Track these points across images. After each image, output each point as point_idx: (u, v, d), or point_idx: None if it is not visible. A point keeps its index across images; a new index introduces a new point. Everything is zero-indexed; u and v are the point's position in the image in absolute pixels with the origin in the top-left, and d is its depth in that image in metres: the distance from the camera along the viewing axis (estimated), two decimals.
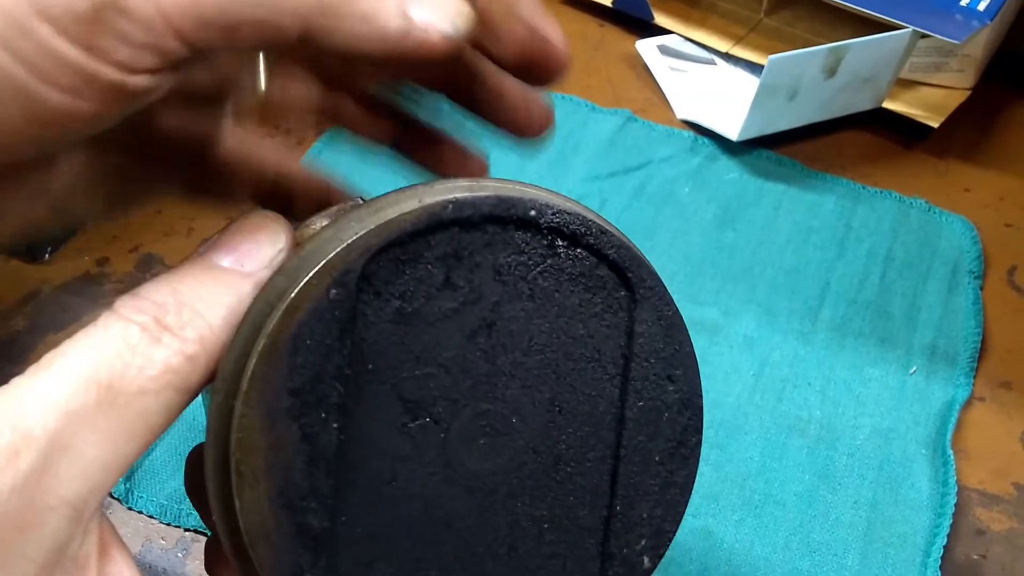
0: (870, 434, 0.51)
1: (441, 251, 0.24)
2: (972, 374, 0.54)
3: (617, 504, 0.27)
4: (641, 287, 0.26)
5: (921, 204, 0.63)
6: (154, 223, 0.60)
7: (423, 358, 0.25)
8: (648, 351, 0.27)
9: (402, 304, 0.24)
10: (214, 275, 0.24)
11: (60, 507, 0.21)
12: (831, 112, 0.66)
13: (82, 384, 0.22)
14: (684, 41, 0.74)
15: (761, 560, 0.46)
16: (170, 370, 0.23)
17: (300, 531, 0.24)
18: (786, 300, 0.57)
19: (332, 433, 0.24)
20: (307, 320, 0.23)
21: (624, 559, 0.27)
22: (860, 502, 0.48)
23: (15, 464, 0.21)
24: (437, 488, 0.25)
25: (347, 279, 0.23)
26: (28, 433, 0.21)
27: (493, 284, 0.25)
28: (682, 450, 0.27)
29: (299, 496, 0.24)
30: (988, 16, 0.63)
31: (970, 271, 0.59)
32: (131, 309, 0.23)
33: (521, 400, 0.26)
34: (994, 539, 0.47)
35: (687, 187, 0.64)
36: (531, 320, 0.25)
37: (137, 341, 0.22)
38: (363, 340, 0.24)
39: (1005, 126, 0.70)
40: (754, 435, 0.50)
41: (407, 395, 0.25)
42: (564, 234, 0.25)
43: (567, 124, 0.68)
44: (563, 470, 0.26)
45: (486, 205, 0.24)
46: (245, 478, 0.23)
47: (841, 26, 0.69)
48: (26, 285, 0.56)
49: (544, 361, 0.26)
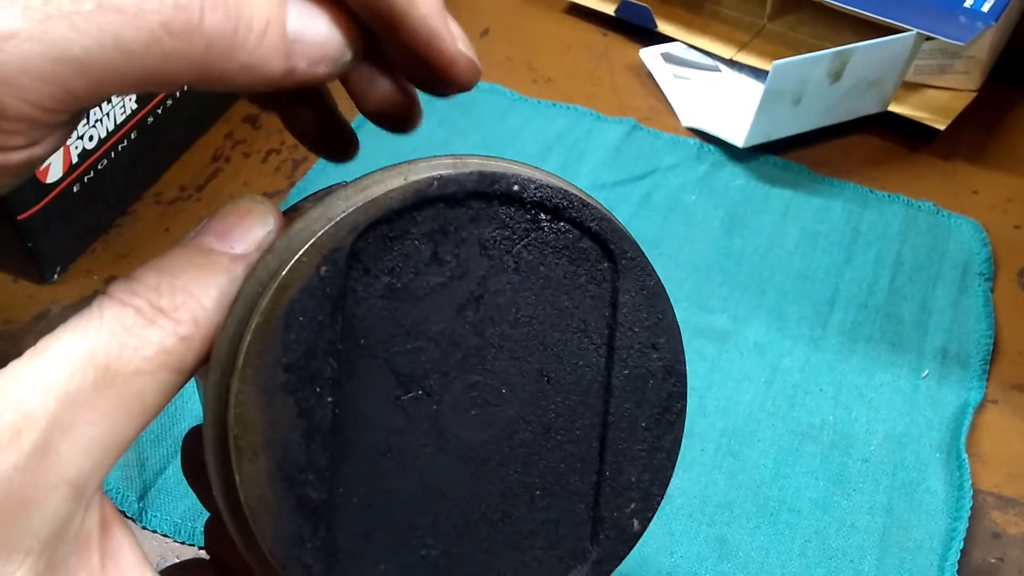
0: (884, 439, 0.50)
1: (428, 227, 0.25)
2: (985, 377, 0.53)
3: (606, 470, 0.27)
4: (623, 258, 0.27)
5: (929, 207, 0.63)
6: (162, 241, 0.60)
7: (413, 332, 0.25)
8: (632, 320, 0.27)
9: (391, 280, 0.25)
10: (206, 257, 0.24)
11: (61, 486, 0.22)
12: (837, 116, 0.66)
13: (80, 366, 0.22)
14: (688, 48, 0.74)
15: (777, 568, 0.45)
16: (165, 351, 0.23)
17: (299, 503, 0.24)
18: (795, 306, 0.57)
19: (327, 407, 0.24)
20: (299, 297, 0.24)
21: (614, 522, 0.28)
22: (875, 507, 0.48)
23: (17, 444, 0.21)
24: (431, 459, 0.26)
25: (336, 256, 0.24)
26: (29, 414, 0.21)
27: (479, 258, 0.26)
28: (668, 416, 0.28)
29: (297, 469, 0.24)
30: (992, 17, 0.63)
31: (980, 273, 0.59)
32: (125, 292, 0.23)
33: (510, 371, 0.26)
34: (1011, 542, 0.47)
35: (694, 195, 0.64)
36: (517, 293, 0.26)
37: (132, 323, 0.23)
38: (354, 316, 0.24)
39: (1012, 127, 0.69)
40: (767, 442, 0.50)
41: (399, 369, 0.25)
42: (547, 208, 0.26)
43: (572, 133, 0.68)
44: (553, 438, 0.27)
45: (470, 181, 0.25)
46: (244, 453, 0.24)
47: (845, 30, 0.69)
48: (36, 305, 0.56)
49: (531, 332, 0.26)
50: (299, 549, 0.24)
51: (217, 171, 0.65)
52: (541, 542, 0.27)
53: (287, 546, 0.24)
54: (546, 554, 0.27)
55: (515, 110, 0.69)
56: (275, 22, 0.23)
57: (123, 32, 0.21)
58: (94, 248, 0.59)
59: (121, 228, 0.61)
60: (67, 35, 0.21)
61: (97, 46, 0.21)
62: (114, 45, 0.21)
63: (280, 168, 0.65)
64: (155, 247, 0.60)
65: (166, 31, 0.21)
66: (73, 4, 0.21)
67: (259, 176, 0.64)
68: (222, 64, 0.23)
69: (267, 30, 0.23)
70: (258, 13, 0.23)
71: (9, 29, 0.20)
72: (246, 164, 0.65)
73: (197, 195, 0.63)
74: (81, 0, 0.21)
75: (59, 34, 0.21)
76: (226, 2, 0.22)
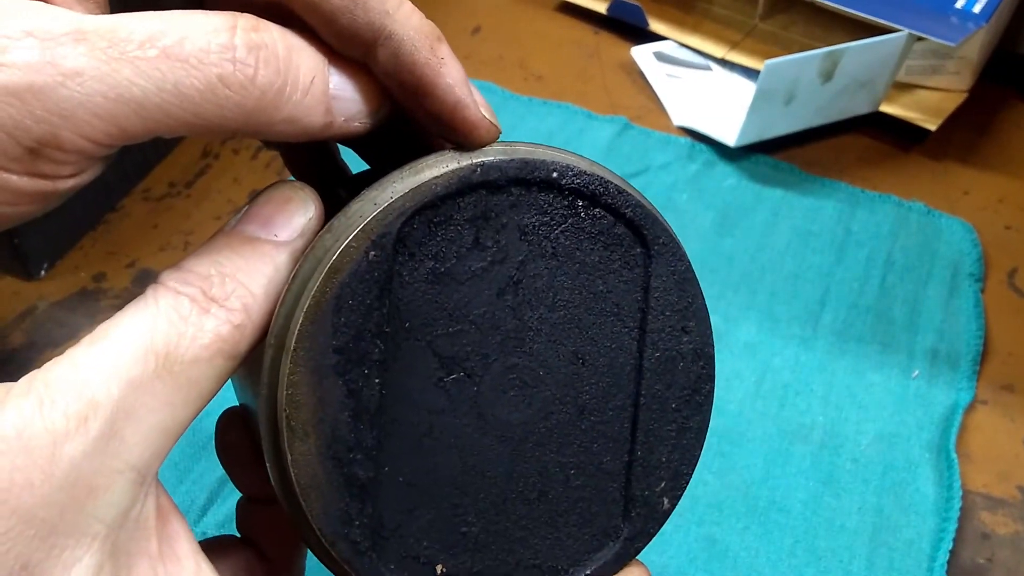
0: (873, 439, 0.50)
1: (470, 213, 0.26)
2: (974, 377, 0.53)
3: (638, 449, 0.28)
4: (656, 244, 0.28)
5: (920, 207, 0.63)
6: (150, 238, 0.60)
7: (455, 315, 0.26)
8: (663, 304, 0.28)
9: (435, 264, 0.26)
10: (252, 246, 0.25)
11: (126, 471, 0.23)
12: (828, 116, 0.66)
13: (141, 353, 0.23)
14: (679, 47, 0.74)
15: (766, 567, 0.45)
16: (220, 339, 0.24)
17: (348, 481, 0.25)
18: (786, 306, 0.57)
19: (374, 388, 0.25)
20: (348, 281, 0.24)
21: (645, 501, 0.29)
22: (865, 508, 0.47)
23: (84, 431, 0.22)
24: (471, 438, 0.27)
25: (384, 241, 0.25)
26: (94, 401, 0.22)
27: (519, 243, 0.26)
28: (696, 397, 0.29)
29: (346, 448, 0.25)
30: (983, 18, 0.63)
31: (970, 274, 0.59)
32: (179, 282, 0.24)
33: (547, 353, 0.27)
34: (999, 543, 0.47)
35: (685, 194, 0.63)
36: (554, 277, 0.27)
37: (188, 312, 0.24)
38: (400, 299, 0.25)
39: (1003, 128, 0.70)
40: (757, 442, 0.50)
41: (441, 351, 0.26)
42: (584, 194, 0.27)
43: (563, 132, 0.67)
44: (587, 419, 0.28)
45: (512, 168, 0.26)
46: (296, 432, 0.25)
47: (837, 30, 0.69)
48: (23, 301, 0.56)
49: (567, 316, 0.27)
50: (347, 526, 0.25)
51: (207, 167, 0.64)
52: (575, 519, 0.28)
53: (336, 524, 0.25)
54: (579, 531, 0.28)
55: (506, 108, 0.69)
56: (319, 80, 0.25)
57: (183, 80, 0.23)
58: (82, 244, 0.59)
59: (109, 224, 0.60)
60: (130, 78, 0.22)
61: (156, 90, 0.22)
62: (173, 91, 0.23)
63: (270, 164, 0.65)
64: (143, 244, 0.59)
65: (223, 82, 0.23)
66: (139, 49, 0.22)
67: (249, 172, 0.64)
68: (268, 115, 0.24)
69: (311, 87, 0.25)
70: (304, 71, 0.25)
71: (75, 67, 0.22)
72: (236, 160, 0.65)
73: (186, 191, 0.63)
74: (146, 45, 0.22)
75: (122, 76, 0.22)
76: (278, 58, 0.24)
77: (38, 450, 0.21)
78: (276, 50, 0.24)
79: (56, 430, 0.22)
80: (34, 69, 0.21)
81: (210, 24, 0.23)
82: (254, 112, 0.24)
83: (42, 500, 0.22)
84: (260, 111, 0.24)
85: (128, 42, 0.22)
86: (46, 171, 0.23)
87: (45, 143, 0.22)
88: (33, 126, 0.22)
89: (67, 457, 0.22)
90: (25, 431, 0.21)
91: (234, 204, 0.62)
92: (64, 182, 0.23)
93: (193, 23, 0.23)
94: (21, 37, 0.22)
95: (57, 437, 0.22)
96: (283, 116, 0.24)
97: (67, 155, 0.23)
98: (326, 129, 0.26)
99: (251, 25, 0.24)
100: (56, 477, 0.22)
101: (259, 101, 0.24)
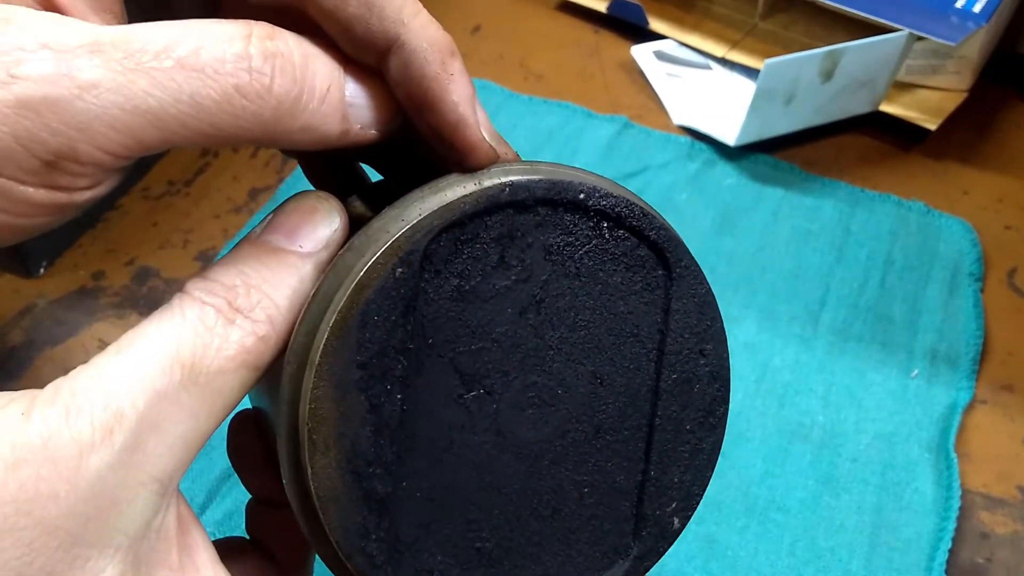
0: (873, 439, 0.50)
1: (496, 232, 0.26)
2: (974, 377, 0.53)
3: (651, 469, 0.29)
4: (678, 266, 0.28)
5: (920, 207, 0.63)
6: (149, 236, 0.60)
7: (478, 333, 0.26)
8: (682, 327, 0.28)
9: (460, 282, 0.26)
10: (277, 257, 0.25)
11: (150, 483, 0.23)
12: (828, 116, 0.66)
13: (167, 364, 0.23)
14: (679, 46, 0.73)
15: (766, 567, 0.45)
16: (245, 350, 0.24)
17: (366, 495, 0.25)
18: (786, 305, 0.57)
19: (396, 404, 0.25)
20: (375, 297, 0.24)
21: (656, 520, 0.29)
22: (864, 507, 0.47)
23: (110, 442, 0.22)
24: (489, 455, 0.27)
25: (411, 258, 0.25)
26: (119, 412, 0.22)
27: (543, 263, 0.26)
28: (710, 419, 0.29)
29: (366, 463, 0.25)
30: (984, 18, 0.63)
31: (970, 273, 0.59)
32: (204, 292, 0.24)
33: (566, 373, 0.27)
34: (999, 542, 0.47)
35: (685, 193, 0.63)
36: (576, 297, 0.27)
37: (214, 323, 0.24)
38: (424, 316, 0.25)
39: (1003, 127, 0.70)
40: (756, 441, 0.50)
41: (463, 368, 0.26)
42: (609, 216, 0.27)
43: (563, 131, 0.67)
44: (603, 438, 0.28)
45: (540, 188, 0.26)
46: (317, 446, 0.25)
47: (837, 29, 0.69)
48: (22, 299, 0.56)
49: (587, 336, 0.27)
50: (364, 540, 0.26)
51: (206, 165, 0.64)
52: (587, 537, 0.28)
53: (353, 537, 0.25)
54: (591, 548, 0.29)
55: (506, 107, 0.69)
56: (335, 88, 0.25)
57: (199, 90, 0.22)
58: (81, 243, 0.59)
59: (108, 223, 0.60)
60: (146, 89, 0.22)
61: (173, 101, 0.22)
62: (189, 102, 0.22)
63: (269, 163, 0.65)
64: (143, 242, 0.59)
65: (239, 92, 0.23)
66: (154, 59, 0.22)
67: (248, 171, 0.64)
68: (285, 124, 0.24)
69: (328, 94, 0.25)
70: (320, 79, 0.24)
71: (91, 80, 0.22)
72: (235, 159, 0.65)
73: (185, 190, 0.63)
74: (161, 56, 0.22)
75: (138, 88, 0.22)
76: (294, 66, 0.24)
77: (63, 461, 0.21)
78: (292, 58, 0.24)
79: (82, 441, 0.22)
80: (49, 81, 0.21)
81: (225, 33, 0.23)
82: (271, 122, 0.24)
83: (67, 511, 0.21)
84: (277, 120, 0.24)
85: (143, 53, 0.22)
86: (62, 183, 0.23)
87: (62, 156, 0.22)
88: (49, 139, 0.22)
89: (92, 468, 0.22)
90: (51, 441, 0.21)
91: (233, 202, 0.62)
92: (81, 194, 0.23)
93: (208, 32, 0.23)
94: (36, 49, 0.21)
95: (83, 448, 0.22)
96: (300, 125, 0.24)
97: (84, 167, 0.22)
98: (343, 137, 0.25)
99: (266, 33, 0.24)
100: (81, 488, 0.22)
101: (276, 110, 0.23)
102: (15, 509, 0.21)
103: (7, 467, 0.21)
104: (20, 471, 0.21)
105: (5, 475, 0.21)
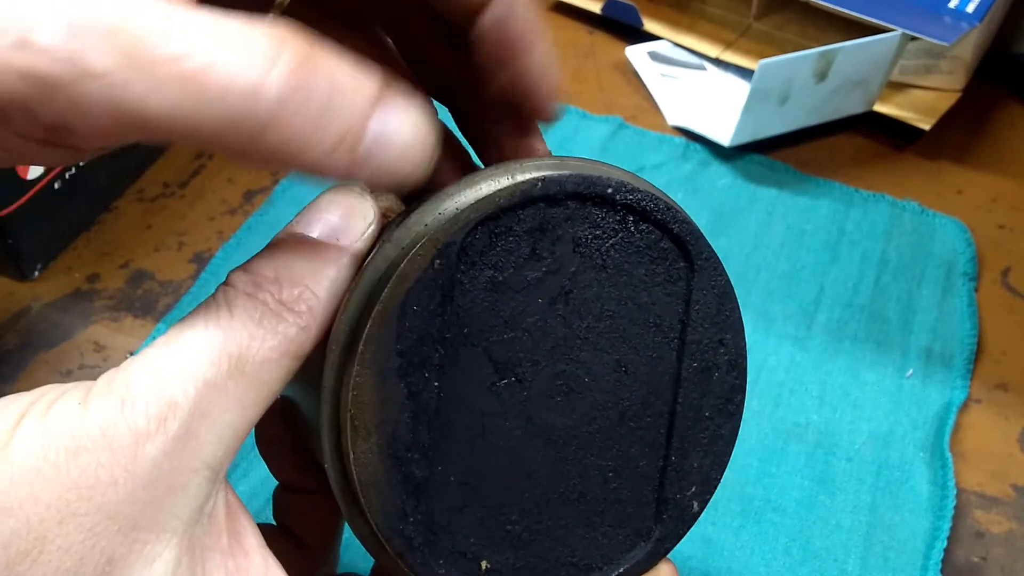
0: (868, 438, 0.50)
1: (528, 225, 0.27)
2: (968, 376, 0.53)
3: (672, 455, 0.29)
4: (699, 259, 0.29)
5: (914, 207, 0.63)
6: (144, 238, 0.60)
7: (510, 323, 0.27)
8: (703, 317, 0.29)
9: (494, 273, 0.27)
10: (316, 250, 0.26)
11: (202, 469, 0.24)
12: (823, 116, 0.66)
13: (216, 355, 0.24)
14: (674, 47, 0.74)
15: (761, 566, 0.45)
16: (288, 341, 0.25)
17: (405, 479, 0.26)
18: (781, 305, 0.57)
19: (433, 391, 0.26)
20: (415, 287, 0.25)
21: (676, 503, 0.30)
22: (859, 507, 0.48)
23: (164, 431, 0.23)
24: (519, 441, 0.28)
25: (449, 250, 0.26)
26: (172, 402, 0.23)
27: (572, 255, 0.27)
28: (729, 406, 0.30)
29: (405, 448, 0.26)
30: (977, 17, 0.64)
31: (964, 273, 0.59)
32: (249, 285, 0.25)
33: (592, 362, 0.28)
34: (994, 541, 0.47)
35: (680, 193, 0.63)
36: (603, 289, 0.28)
37: (260, 315, 0.25)
38: (460, 306, 0.26)
39: (996, 127, 0.70)
40: (752, 441, 0.50)
41: (496, 357, 0.27)
42: (636, 210, 0.28)
43: (558, 132, 0.67)
44: (626, 424, 0.29)
45: (570, 183, 0.27)
46: (359, 432, 0.26)
47: (831, 30, 0.69)
48: (16, 303, 0.55)
49: (613, 326, 0.28)
50: (402, 523, 0.27)
51: (201, 167, 0.64)
52: (610, 520, 0.29)
53: (392, 520, 0.26)
54: (614, 531, 0.29)
55: None
56: (352, 136, 0.23)
57: (200, 107, 0.21)
58: (75, 245, 0.59)
59: (103, 225, 0.60)
60: (149, 90, 0.21)
61: (172, 108, 0.22)
62: (191, 113, 0.22)
63: None
64: (137, 244, 0.59)
65: (243, 118, 0.22)
66: (166, 62, 0.21)
67: (243, 173, 0.64)
68: (285, 159, 0.23)
69: (339, 144, 0.23)
70: (338, 125, 0.23)
71: (97, 68, 0.21)
72: (230, 161, 0.65)
73: (180, 192, 0.63)
74: (173, 60, 0.21)
75: (140, 88, 0.21)
76: (313, 106, 0.22)
77: (121, 449, 0.22)
78: (315, 96, 0.22)
79: (138, 430, 0.23)
80: (57, 58, 0.21)
81: (250, 49, 0.21)
82: (268, 153, 0.22)
83: (125, 497, 0.22)
84: (276, 152, 0.22)
85: (156, 51, 0.21)
86: (65, 143, 0.23)
87: (58, 128, 0.22)
88: (48, 113, 0.21)
89: (148, 456, 0.23)
90: (109, 430, 0.22)
91: (228, 204, 0.62)
92: (85, 154, 0.24)
93: (232, 43, 0.21)
94: (56, 20, 0.21)
95: (139, 437, 0.23)
96: (299, 163, 0.23)
97: (81, 139, 0.23)
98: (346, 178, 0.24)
99: (297, 59, 0.22)
100: (138, 475, 0.23)
101: (277, 146, 0.22)
102: (77, 495, 0.22)
103: (68, 454, 0.22)
104: (81, 458, 0.22)
105: (67, 462, 0.22)
